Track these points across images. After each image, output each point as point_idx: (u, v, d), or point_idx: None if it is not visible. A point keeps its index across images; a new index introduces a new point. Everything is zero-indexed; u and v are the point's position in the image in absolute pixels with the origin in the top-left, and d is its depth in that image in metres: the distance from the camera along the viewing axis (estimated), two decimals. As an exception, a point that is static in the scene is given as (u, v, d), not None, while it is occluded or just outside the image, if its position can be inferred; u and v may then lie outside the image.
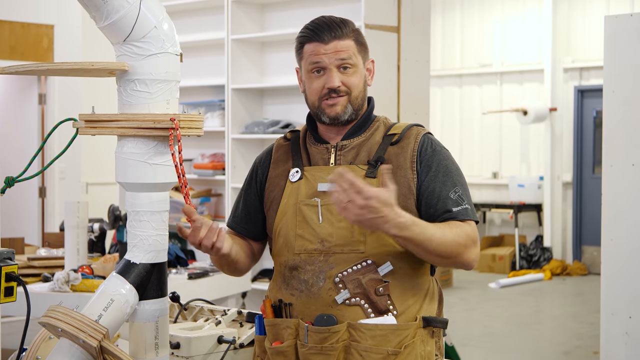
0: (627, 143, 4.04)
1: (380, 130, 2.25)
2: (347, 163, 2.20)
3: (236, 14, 6.29)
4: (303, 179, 2.21)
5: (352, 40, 2.21)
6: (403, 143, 2.20)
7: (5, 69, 2.02)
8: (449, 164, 2.20)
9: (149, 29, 1.94)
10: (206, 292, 4.31)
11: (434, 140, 2.24)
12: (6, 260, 2.05)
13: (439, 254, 2.07)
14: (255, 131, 6.26)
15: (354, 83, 2.21)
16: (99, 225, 4.76)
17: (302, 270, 2.15)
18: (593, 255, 10.39)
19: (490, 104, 11.48)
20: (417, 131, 2.23)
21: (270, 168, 2.31)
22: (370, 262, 2.12)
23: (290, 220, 2.19)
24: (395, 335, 2.08)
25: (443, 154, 2.21)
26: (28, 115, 7.82)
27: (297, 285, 2.16)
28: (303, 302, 2.14)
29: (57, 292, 3.94)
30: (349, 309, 2.10)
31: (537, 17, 11.10)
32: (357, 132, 2.25)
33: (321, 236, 2.14)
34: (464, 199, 2.15)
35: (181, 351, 2.38)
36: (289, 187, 2.23)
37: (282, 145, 2.35)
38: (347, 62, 2.19)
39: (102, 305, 1.93)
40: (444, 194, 2.14)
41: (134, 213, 2.00)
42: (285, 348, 2.14)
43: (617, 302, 4.07)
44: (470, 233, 2.11)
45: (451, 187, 2.15)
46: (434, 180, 2.15)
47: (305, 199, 2.18)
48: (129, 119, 1.94)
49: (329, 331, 2.08)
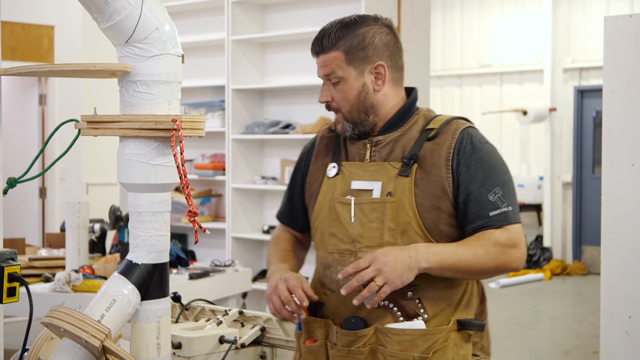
0: (626, 143, 4.05)
1: (418, 124, 2.14)
2: (381, 159, 2.12)
3: (236, 14, 6.30)
4: (339, 175, 2.16)
5: (340, 51, 2.11)
6: (440, 139, 2.08)
7: (7, 70, 2.02)
8: (491, 160, 2.07)
9: (150, 30, 1.94)
10: (207, 292, 4.31)
11: (475, 135, 2.10)
12: (9, 261, 2.05)
13: (476, 272, 2.01)
14: (255, 131, 6.26)
15: (340, 99, 2.13)
16: (99, 225, 4.76)
17: (334, 270, 2.12)
18: (593, 255, 10.40)
19: (490, 104, 11.49)
20: (456, 125, 2.11)
21: (312, 161, 2.27)
22: None
23: (325, 217, 2.16)
24: (423, 340, 2.02)
25: (484, 150, 2.07)
26: (29, 116, 7.83)
27: (330, 284, 2.13)
28: (334, 303, 2.12)
29: (59, 292, 3.95)
30: (378, 312, 2.06)
31: (537, 17, 11.11)
32: (393, 126, 2.15)
33: (352, 236, 2.10)
34: (505, 199, 2.02)
35: (183, 351, 2.38)
36: (326, 182, 2.18)
37: (325, 137, 2.29)
38: (331, 76, 2.12)
39: (104, 305, 1.94)
40: (482, 197, 2.02)
41: (136, 214, 2.01)
42: (317, 348, 2.12)
43: (617, 302, 4.08)
44: (508, 239, 2.00)
45: (491, 187, 2.03)
46: (472, 181, 2.03)
47: (339, 197, 2.14)
48: (130, 119, 1.95)
49: (355, 335, 2.05)
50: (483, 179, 2.03)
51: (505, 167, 2.09)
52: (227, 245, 6.32)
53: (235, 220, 6.34)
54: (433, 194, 2.03)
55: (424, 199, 2.04)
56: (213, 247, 6.37)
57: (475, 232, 2.03)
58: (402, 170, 2.06)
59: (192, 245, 6.47)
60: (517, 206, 2.06)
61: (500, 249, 1.99)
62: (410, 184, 2.04)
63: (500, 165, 2.08)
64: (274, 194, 6.45)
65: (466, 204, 2.03)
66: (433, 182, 2.04)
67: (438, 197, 2.04)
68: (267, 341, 2.57)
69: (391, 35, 2.18)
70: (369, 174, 2.12)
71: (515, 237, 2.02)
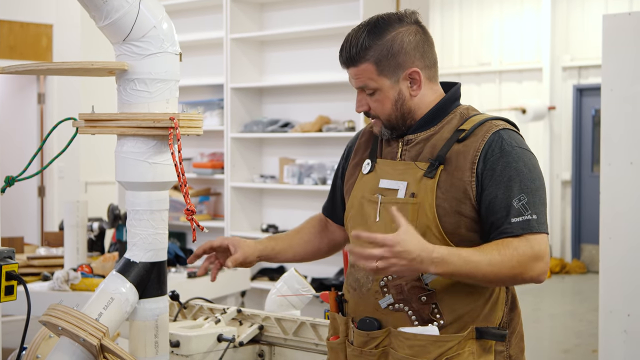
0: (625, 141, 4.05)
1: (452, 123, 2.06)
2: (411, 159, 2.05)
3: (235, 13, 6.30)
4: (372, 172, 2.13)
5: (371, 63, 2.03)
6: (469, 141, 1.99)
7: (5, 69, 2.02)
8: (519, 166, 1.96)
9: (148, 28, 1.94)
10: (205, 290, 4.31)
11: (508, 138, 1.99)
12: (6, 259, 2.06)
13: (490, 280, 1.93)
14: (254, 130, 6.26)
15: (377, 109, 2.07)
16: (98, 224, 4.76)
17: (357, 268, 2.10)
18: (592, 254, 10.40)
19: (489, 102, 11.48)
20: (488, 127, 2.01)
21: (352, 155, 2.25)
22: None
23: (355, 214, 2.14)
24: (435, 346, 1.96)
25: (514, 154, 1.97)
26: (27, 115, 7.83)
27: (353, 282, 2.12)
28: (355, 301, 2.11)
29: (57, 291, 3.95)
30: (393, 315, 2.02)
31: (536, 15, 11.11)
32: (426, 124, 2.08)
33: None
34: (529, 207, 1.92)
35: (181, 349, 2.38)
36: (360, 178, 2.16)
37: (367, 131, 2.24)
38: (365, 88, 2.07)
39: (102, 303, 1.94)
40: (506, 203, 1.93)
41: (134, 212, 2.01)
42: (337, 345, 2.12)
43: (616, 300, 4.08)
44: (528, 249, 1.90)
45: (516, 194, 1.93)
46: (497, 186, 1.95)
47: (368, 195, 2.11)
48: (128, 118, 1.95)
49: (368, 336, 2.04)
50: (507, 184, 1.94)
51: (535, 173, 1.98)
52: (225, 244, 6.30)
53: (234, 218, 6.34)
54: (455, 197, 1.97)
55: (445, 202, 1.97)
56: (212, 245, 6.35)
57: (495, 239, 1.95)
58: (428, 171, 2.00)
59: (190, 243, 6.47)
60: (543, 215, 1.95)
61: (518, 258, 1.90)
62: (433, 186, 1.98)
63: (529, 171, 1.97)
64: (273, 193, 6.45)
65: (488, 209, 1.95)
66: (455, 185, 1.97)
67: (460, 201, 1.97)
68: (265, 339, 2.57)
69: (420, 33, 2.08)
70: (397, 172, 2.07)
71: (537, 246, 1.91)
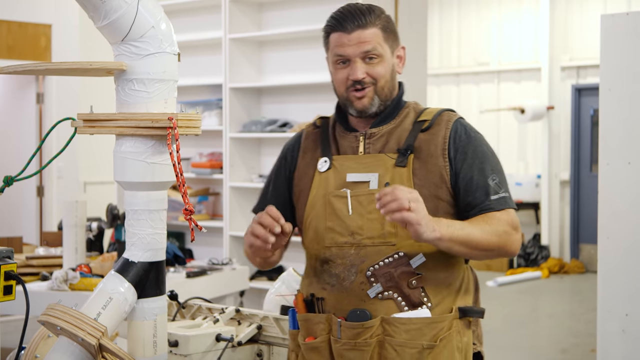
0: (623, 141, 4.05)
1: (410, 116, 2.18)
2: (376, 152, 2.14)
3: (233, 13, 6.30)
4: (332, 169, 2.16)
5: (379, 29, 2.13)
6: (434, 130, 2.13)
7: (3, 69, 2.02)
8: (485, 149, 2.13)
9: (146, 28, 1.94)
10: (204, 290, 4.32)
11: (467, 125, 2.17)
12: (5, 259, 2.06)
13: (483, 248, 2.03)
14: (253, 130, 6.26)
15: (379, 73, 2.13)
16: (97, 224, 4.77)
17: (333, 264, 2.11)
18: (590, 254, 10.40)
19: (487, 102, 11.49)
20: (448, 117, 2.16)
21: (299, 157, 2.26)
22: (402, 255, 2.07)
23: (320, 212, 2.15)
24: (430, 328, 2.04)
25: (478, 139, 2.14)
26: (26, 115, 7.83)
27: (329, 279, 2.12)
28: (335, 297, 2.11)
29: (56, 290, 3.95)
30: (382, 303, 2.07)
31: (534, 15, 11.11)
32: (386, 119, 2.18)
33: (351, 229, 2.09)
34: (502, 186, 2.10)
35: (179, 349, 2.38)
36: (317, 177, 2.18)
37: (311, 133, 2.28)
38: (371, 53, 2.12)
39: (100, 303, 1.94)
40: (482, 182, 2.09)
41: (132, 212, 2.01)
42: (319, 344, 2.10)
43: (614, 299, 4.08)
44: (509, 221, 2.07)
45: (489, 174, 2.10)
46: (470, 168, 2.09)
47: (334, 190, 2.13)
48: (127, 118, 1.95)
49: (362, 326, 2.04)
50: (481, 166, 2.09)
51: (496, 156, 2.16)
52: (224, 244, 6.32)
53: (233, 218, 6.34)
54: (432, 182, 2.08)
55: (424, 188, 2.06)
56: (210, 245, 6.37)
57: (476, 215, 2.08)
58: (399, 160, 2.10)
59: (189, 243, 6.47)
60: (510, 193, 2.13)
61: (504, 228, 2.05)
62: (408, 174, 2.07)
63: (492, 154, 2.15)
64: (272, 193, 6.43)
65: (467, 190, 2.08)
66: (431, 171, 2.08)
67: (437, 186, 2.08)
68: (264, 339, 2.57)
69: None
70: (363, 166, 2.13)
71: (515, 220, 2.08)
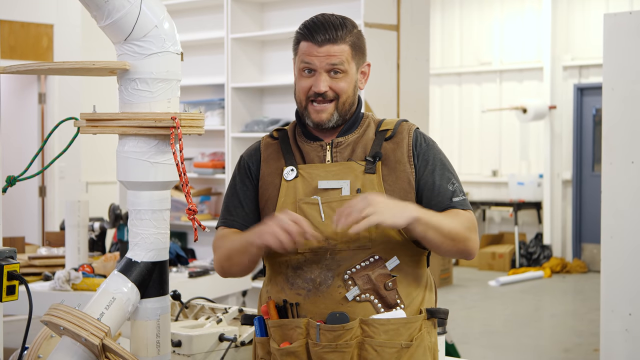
0: (626, 141, 4.05)
1: (371, 126, 2.26)
2: (343, 160, 2.20)
3: (236, 13, 6.30)
4: (299, 177, 2.19)
5: (348, 45, 2.18)
6: (397, 138, 2.22)
7: (6, 69, 2.02)
8: (442, 157, 2.25)
9: (149, 28, 1.94)
10: (207, 290, 4.31)
11: (424, 134, 2.28)
12: (8, 259, 2.06)
13: (452, 238, 2.10)
14: (255, 130, 6.26)
15: (342, 88, 2.18)
16: (99, 224, 4.76)
17: (307, 269, 2.14)
18: (593, 253, 10.40)
19: (489, 102, 11.48)
20: (408, 126, 2.25)
21: (262, 166, 2.26)
22: (377, 258, 2.13)
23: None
24: (405, 328, 2.11)
25: (436, 148, 2.26)
26: (28, 115, 7.83)
27: (303, 284, 2.14)
28: (311, 301, 2.12)
29: (58, 290, 3.95)
30: (359, 306, 2.11)
31: (537, 15, 11.10)
32: (350, 129, 2.24)
33: (326, 234, 2.12)
34: (460, 190, 2.22)
35: (182, 349, 2.38)
36: (284, 185, 2.19)
37: (271, 143, 2.29)
38: (337, 67, 2.16)
39: (103, 303, 1.94)
40: (443, 187, 2.19)
41: (135, 212, 2.01)
42: (296, 348, 2.11)
43: (617, 299, 4.08)
44: (471, 220, 2.17)
45: (448, 179, 2.21)
46: (432, 174, 2.20)
47: (304, 198, 2.16)
48: (130, 117, 1.95)
49: (342, 328, 2.07)
50: (441, 173, 2.21)
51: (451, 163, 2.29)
52: (226, 244, 6.30)
53: (235, 218, 6.33)
54: (402, 187, 2.16)
55: (394, 193, 2.15)
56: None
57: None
58: (368, 167, 2.17)
59: (192, 243, 6.47)
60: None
61: (468, 225, 2.16)
62: (379, 180, 2.15)
63: (448, 162, 2.27)
64: (274, 192, 6.43)
65: (430, 194, 2.19)
66: (400, 177, 2.17)
67: (406, 191, 2.17)
68: (267, 339, 2.56)
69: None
70: (332, 174, 2.17)
71: (475, 222, 2.20)
